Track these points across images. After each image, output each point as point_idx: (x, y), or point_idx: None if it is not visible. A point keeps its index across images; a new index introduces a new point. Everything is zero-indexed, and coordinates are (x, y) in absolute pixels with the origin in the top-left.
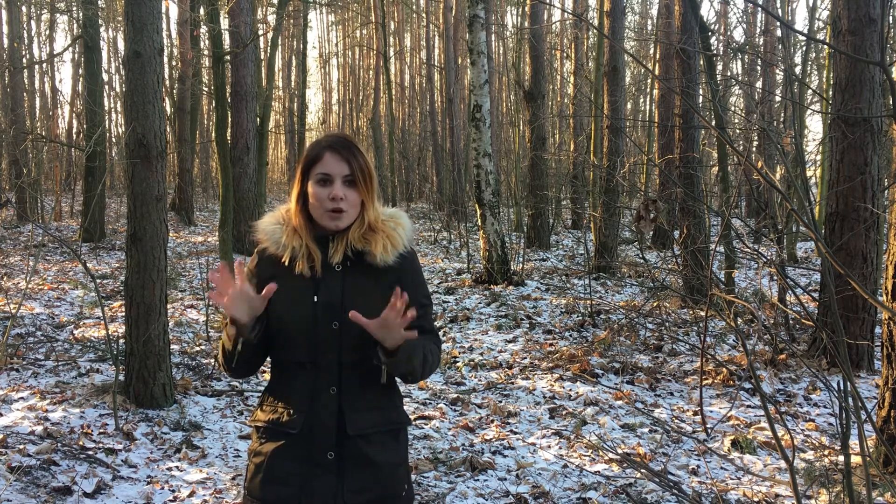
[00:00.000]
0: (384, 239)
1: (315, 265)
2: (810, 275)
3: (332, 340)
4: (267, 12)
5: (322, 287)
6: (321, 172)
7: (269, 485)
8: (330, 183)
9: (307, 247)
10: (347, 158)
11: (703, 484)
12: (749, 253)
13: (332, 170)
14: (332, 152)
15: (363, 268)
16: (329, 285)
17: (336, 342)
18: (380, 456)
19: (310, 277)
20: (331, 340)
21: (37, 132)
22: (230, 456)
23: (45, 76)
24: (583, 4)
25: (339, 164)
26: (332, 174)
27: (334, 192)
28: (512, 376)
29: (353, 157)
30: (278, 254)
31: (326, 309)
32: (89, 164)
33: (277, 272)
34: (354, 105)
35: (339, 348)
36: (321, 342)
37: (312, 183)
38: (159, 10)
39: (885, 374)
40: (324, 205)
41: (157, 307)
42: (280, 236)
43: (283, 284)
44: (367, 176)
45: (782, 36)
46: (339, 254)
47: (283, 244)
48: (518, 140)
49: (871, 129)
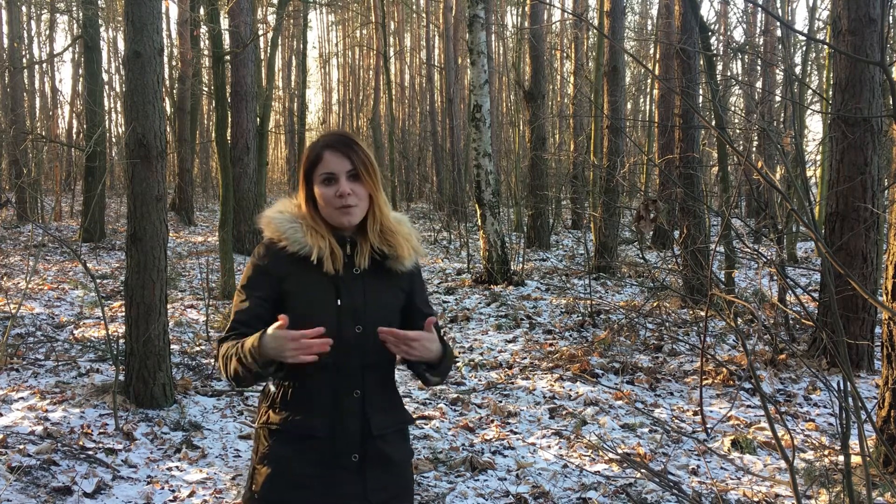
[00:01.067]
0: (405, 243)
1: (338, 265)
2: (810, 275)
3: (356, 344)
4: (267, 12)
5: (343, 290)
6: (324, 173)
7: (288, 489)
8: (335, 181)
9: (331, 246)
10: (347, 154)
11: (703, 484)
12: (749, 253)
13: (335, 168)
14: (331, 151)
15: (380, 271)
16: (350, 289)
17: (360, 345)
18: (396, 454)
19: (330, 280)
20: (355, 344)
21: (37, 132)
22: (230, 456)
23: (45, 76)
24: (583, 4)
25: (340, 161)
26: (335, 172)
27: (341, 189)
28: (512, 376)
29: (353, 151)
30: (299, 253)
31: (350, 313)
32: (89, 164)
33: (292, 271)
34: (354, 105)
35: (363, 351)
36: (344, 346)
37: (318, 185)
38: (159, 10)
39: (885, 374)
40: (333, 203)
41: (157, 307)
42: (301, 235)
43: (303, 285)
44: (369, 168)
45: (782, 36)
46: (366, 258)
47: (308, 244)
48: (518, 140)
49: (871, 129)
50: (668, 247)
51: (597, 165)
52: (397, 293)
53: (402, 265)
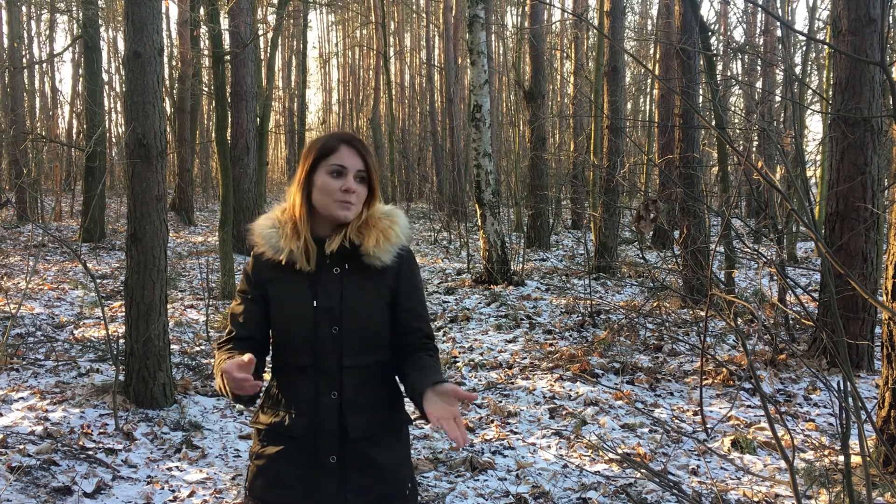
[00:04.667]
0: (377, 233)
1: (311, 260)
2: (810, 275)
3: (332, 345)
4: (267, 12)
5: (321, 291)
6: (337, 164)
7: (271, 488)
8: (344, 175)
9: (306, 242)
10: (363, 154)
11: (703, 484)
12: (749, 253)
13: (348, 163)
14: (348, 146)
15: (361, 270)
16: (327, 289)
17: (336, 346)
18: (382, 456)
19: (308, 281)
20: (331, 345)
21: (37, 132)
22: (230, 456)
23: (45, 76)
24: (583, 4)
25: (355, 159)
26: (347, 167)
27: (348, 185)
28: (512, 376)
29: (368, 154)
30: (275, 258)
31: (326, 313)
32: (89, 164)
33: (275, 276)
34: (354, 105)
35: (340, 352)
36: (322, 347)
37: (324, 173)
38: (159, 10)
39: (885, 374)
40: (334, 196)
41: (157, 307)
42: (277, 240)
43: (282, 289)
44: (375, 175)
45: (782, 36)
46: (336, 243)
47: (280, 247)
48: (518, 140)
49: (871, 129)
50: (668, 247)
51: (597, 165)
52: (381, 291)
53: (376, 259)
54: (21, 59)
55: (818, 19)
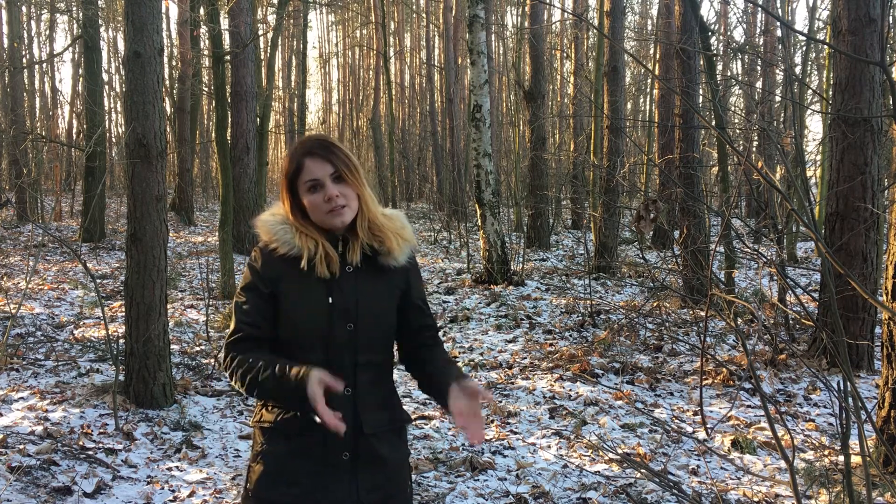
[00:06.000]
0: (395, 236)
1: (333, 267)
2: (810, 275)
3: (347, 342)
4: (267, 12)
5: (335, 288)
6: (308, 180)
7: (280, 486)
8: (321, 187)
9: (324, 248)
10: (327, 157)
11: (703, 484)
12: (749, 253)
13: (318, 174)
14: (310, 158)
15: (374, 268)
16: (342, 287)
17: (351, 343)
18: (389, 453)
19: (322, 278)
20: (346, 342)
21: (37, 132)
22: (230, 456)
23: (45, 76)
24: (583, 4)
25: (322, 166)
26: (319, 178)
27: (328, 193)
28: (512, 376)
29: (333, 154)
30: (289, 254)
31: (341, 311)
32: (89, 164)
33: (285, 272)
34: (354, 105)
35: (355, 349)
36: (336, 344)
37: (305, 194)
38: (159, 10)
39: (885, 374)
40: (322, 209)
41: (157, 307)
42: (291, 237)
43: (294, 285)
44: (351, 168)
45: (782, 36)
46: (357, 253)
47: (297, 245)
48: (518, 140)
49: (871, 129)
50: (668, 247)
51: (597, 165)
52: (392, 290)
53: (394, 260)
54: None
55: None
